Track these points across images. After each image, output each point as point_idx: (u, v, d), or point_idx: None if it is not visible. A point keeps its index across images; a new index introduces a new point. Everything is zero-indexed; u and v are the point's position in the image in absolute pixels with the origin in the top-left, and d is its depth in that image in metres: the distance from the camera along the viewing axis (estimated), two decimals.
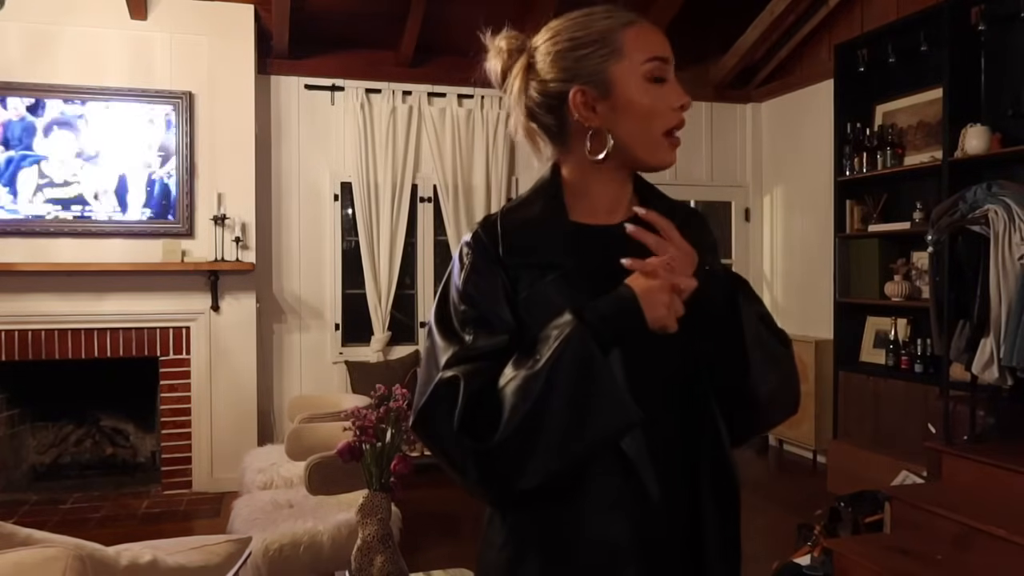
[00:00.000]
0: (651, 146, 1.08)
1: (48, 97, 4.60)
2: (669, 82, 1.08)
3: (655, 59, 1.07)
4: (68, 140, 4.64)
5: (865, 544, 3.30)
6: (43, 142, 4.61)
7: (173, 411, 4.88)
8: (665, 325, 0.98)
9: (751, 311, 1.07)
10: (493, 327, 1.04)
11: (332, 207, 5.40)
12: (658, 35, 1.09)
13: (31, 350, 4.63)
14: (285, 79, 5.31)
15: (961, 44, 4.09)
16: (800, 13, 5.37)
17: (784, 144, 6.01)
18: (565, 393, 0.94)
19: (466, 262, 1.08)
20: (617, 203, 1.13)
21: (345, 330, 5.44)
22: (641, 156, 1.09)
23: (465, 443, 0.97)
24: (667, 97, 1.07)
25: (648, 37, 1.08)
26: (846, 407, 4.86)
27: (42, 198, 4.60)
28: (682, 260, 0.99)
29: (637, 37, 1.08)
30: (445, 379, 0.99)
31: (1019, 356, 3.24)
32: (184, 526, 4.25)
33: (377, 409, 1.94)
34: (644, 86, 1.06)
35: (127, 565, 1.69)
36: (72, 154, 4.65)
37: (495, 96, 5.59)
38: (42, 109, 4.60)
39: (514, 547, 1.06)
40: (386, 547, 1.92)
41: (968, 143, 3.93)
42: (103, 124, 4.69)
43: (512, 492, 0.98)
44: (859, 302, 4.86)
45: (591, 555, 1.02)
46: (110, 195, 4.71)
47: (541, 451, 0.94)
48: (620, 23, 1.08)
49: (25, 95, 4.57)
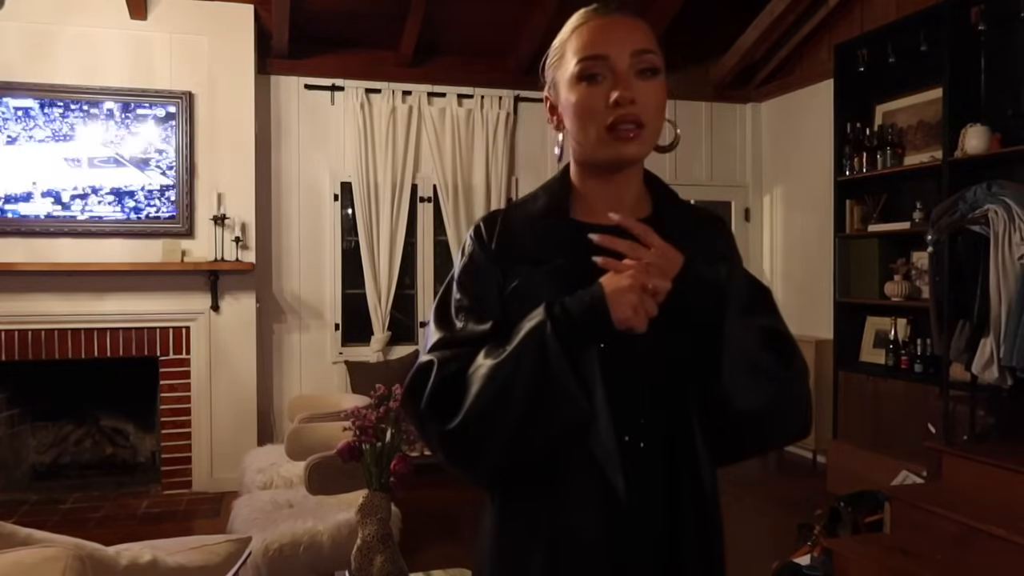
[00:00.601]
0: (592, 144, 1.08)
1: (48, 97, 4.60)
2: (605, 80, 1.05)
3: (584, 59, 1.06)
4: (67, 140, 4.64)
5: (865, 544, 3.30)
6: (42, 141, 4.61)
7: (173, 411, 4.88)
8: (632, 326, 0.98)
9: (746, 323, 1.04)
10: (482, 316, 1.08)
11: (332, 207, 5.40)
12: (599, 33, 1.07)
13: (31, 350, 4.63)
14: (285, 79, 5.31)
15: (961, 44, 4.09)
16: (800, 13, 5.37)
17: (784, 144, 6.01)
18: (522, 383, 0.98)
19: (465, 253, 1.15)
20: (618, 202, 1.12)
21: (345, 330, 5.44)
22: (589, 154, 1.10)
23: (429, 424, 1.04)
24: (600, 94, 1.05)
25: (585, 37, 1.08)
26: (846, 407, 4.86)
27: (41, 198, 4.60)
28: (660, 263, 0.99)
29: (577, 39, 1.09)
30: (423, 363, 1.08)
31: (1019, 356, 3.24)
32: (184, 526, 4.25)
33: (377, 409, 1.94)
34: (575, 87, 1.08)
35: (127, 565, 1.69)
36: (72, 154, 4.65)
37: (495, 96, 5.59)
38: (42, 109, 4.60)
39: (501, 534, 1.10)
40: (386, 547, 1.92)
41: (968, 143, 3.93)
42: (103, 124, 4.69)
43: (478, 472, 1.04)
44: (859, 302, 4.86)
45: (567, 549, 1.04)
46: (110, 195, 4.71)
47: (499, 437, 1.00)
48: (574, 26, 1.11)
49: (25, 95, 4.57)
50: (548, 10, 4.87)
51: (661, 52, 1.10)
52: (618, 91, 1.04)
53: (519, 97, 5.65)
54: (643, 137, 1.07)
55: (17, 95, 4.56)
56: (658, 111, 1.08)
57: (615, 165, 1.10)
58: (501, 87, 5.59)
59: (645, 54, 1.06)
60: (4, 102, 4.55)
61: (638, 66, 1.06)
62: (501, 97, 5.60)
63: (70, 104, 4.64)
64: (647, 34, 1.08)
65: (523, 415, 0.98)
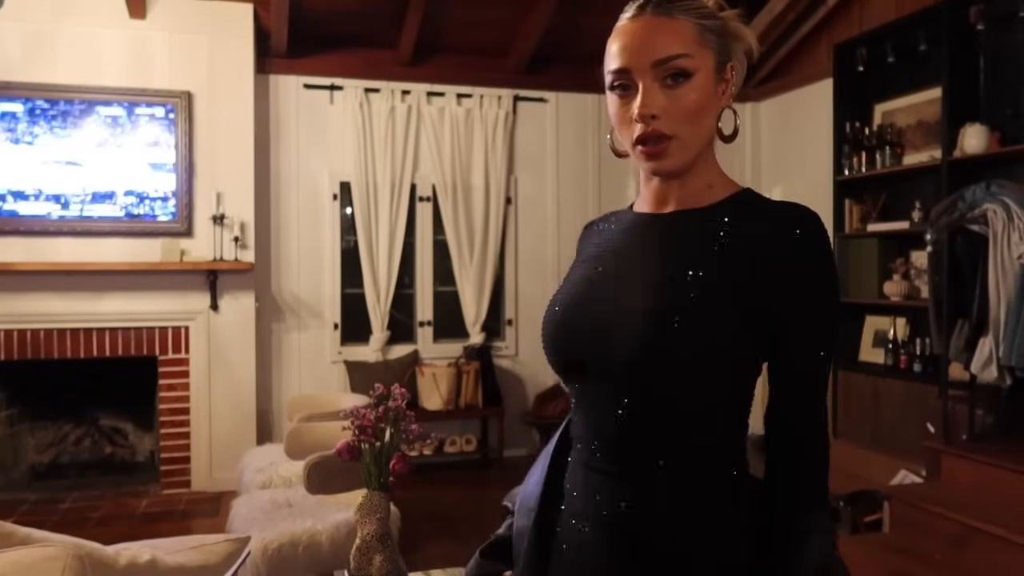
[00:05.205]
0: (630, 153, 1.08)
1: (47, 97, 4.60)
2: (631, 90, 1.03)
3: (611, 72, 1.05)
4: (66, 139, 4.64)
5: (864, 543, 3.31)
6: (42, 141, 4.60)
7: (172, 410, 4.87)
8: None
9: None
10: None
11: (331, 206, 5.40)
12: (624, 41, 1.04)
13: (30, 349, 4.63)
14: (284, 78, 5.30)
15: (960, 43, 4.09)
16: (799, 12, 5.37)
17: (783, 144, 6.01)
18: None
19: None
20: (664, 197, 1.11)
21: (344, 329, 5.44)
22: (632, 159, 1.09)
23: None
24: (627, 107, 1.04)
25: (614, 46, 1.05)
26: (845, 406, 4.86)
27: (41, 198, 4.60)
28: None
29: (611, 43, 1.06)
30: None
31: (1018, 355, 3.24)
32: (183, 525, 4.25)
33: (376, 408, 1.94)
34: (610, 95, 1.07)
35: (126, 564, 1.69)
36: (71, 153, 4.65)
37: (494, 95, 5.58)
38: (41, 108, 4.59)
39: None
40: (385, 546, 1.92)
41: (967, 142, 3.93)
42: (102, 123, 4.68)
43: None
44: (858, 301, 4.85)
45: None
46: (109, 194, 4.70)
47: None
48: (617, 25, 1.07)
49: (24, 95, 4.56)
50: (547, 9, 4.87)
51: (708, 42, 1.04)
52: (637, 108, 1.01)
53: (518, 96, 5.65)
54: (671, 149, 1.03)
55: (16, 95, 4.56)
56: (689, 117, 1.03)
57: (649, 173, 1.10)
58: (500, 86, 5.59)
59: (669, 61, 1.01)
60: (3, 102, 4.54)
61: (663, 74, 1.02)
62: (500, 96, 5.60)
63: (69, 104, 4.63)
64: (678, 34, 1.02)
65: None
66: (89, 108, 4.66)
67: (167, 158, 4.78)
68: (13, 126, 4.57)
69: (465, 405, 5.34)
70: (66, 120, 4.64)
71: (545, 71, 5.57)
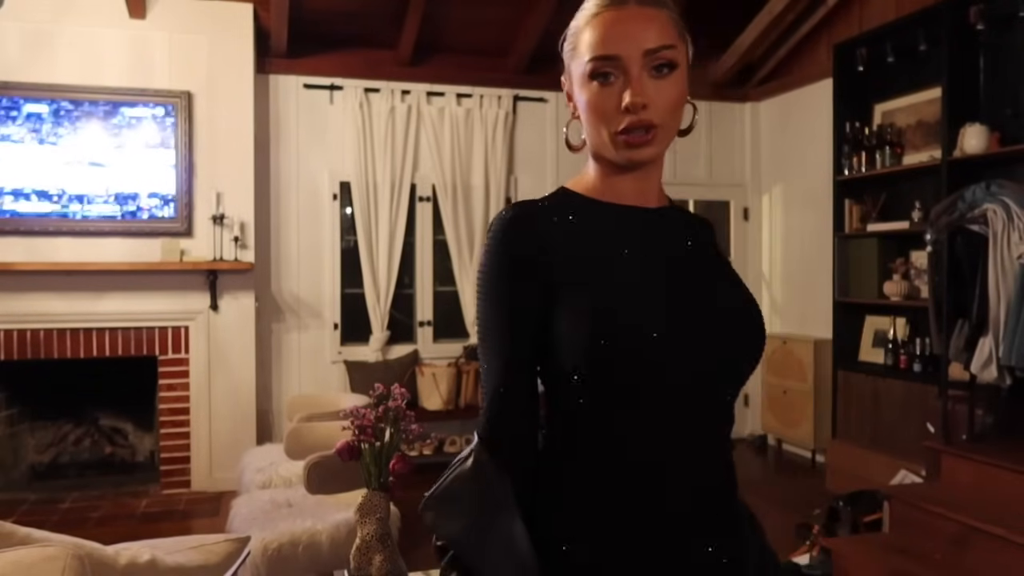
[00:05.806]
0: (602, 144, 1.05)
1: (47, 96, 4.59)
2: (617, 80, 1.01)
3: (595, 59, 1.02)
4: (66, 139, 4.64)
5: (864, 543, 3.31)
6: (41, 141, 4.60)
7: (172, 410, 4.87)
8: None
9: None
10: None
11: (331, 206, 5.40)
12: (612, 28, 1.01)
13: (30, 349, 4.63)
14: (284, 78, 5.30)
15: (960, 43, 4.09)
16: (799, 12, 5.37)
17: (783, 143, 6.01)
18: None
19: None
20: (642, 192, 1.11)
21: (344, 329, 5.44)
22: (599, 152, 1.07)
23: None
24: (611, 96, 1.01)
25: (598, 33, 1.02)
26: (845, 406, 4.86)
27: (40, 197, 4.60)
28: None
29: (590, 32, 1.03)
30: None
31: (1018, 355, 3.24)
32: (183, 525, 4.25)
33: (376, 408, 1.94)
34: (587, 85, 1.04)
35: (126, 564, 1.69)
36: (71, 153, 4.65)
37: (494, 95, 5.58)
38: (40, 108, 4.59)
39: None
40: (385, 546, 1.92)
41: (967, 142, 3.93)
42: (101, 123, 4.68)
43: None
44: (858, 301, 4.86)
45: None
46: (109, 194, 4.70)
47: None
48: (590, 14, 1.04)
49: (24, 95, 4.56)
50: (547, 9, 4.87)
51: (683, 36, 1.04)
52: (629, 97, 0.99)
53: (518, 96, 5.65)
54: (657, 138, 1.03)
55: (16, 94, 4.55)
56: (673, 108, 1.03)
57: (628, 167, 1.06)
58: (500, 86, 5.59)
59: (660, 51, 1.00)
60: (3, 101, 4.54)
61: (652, 64, 1.01)
62: (500, 96, 5.60)
63: (69, 103, 4.63)
64: (664, 26, 1.02)
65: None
66: (89, 108, 4.66)
67: (167, 158, 4.78)
68: (13, 126, 4.56)
69: (465, 405, 5.34)
70: (66, 120, 4.63)
71: (545, 71, 5.56)
